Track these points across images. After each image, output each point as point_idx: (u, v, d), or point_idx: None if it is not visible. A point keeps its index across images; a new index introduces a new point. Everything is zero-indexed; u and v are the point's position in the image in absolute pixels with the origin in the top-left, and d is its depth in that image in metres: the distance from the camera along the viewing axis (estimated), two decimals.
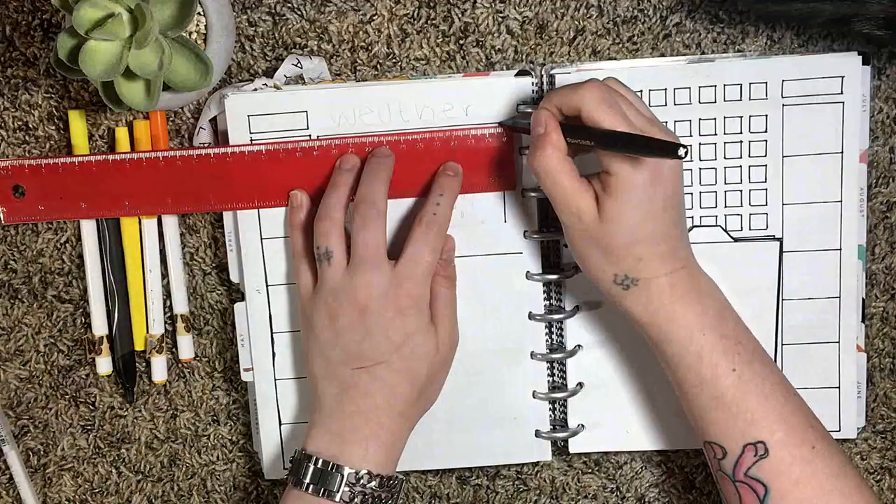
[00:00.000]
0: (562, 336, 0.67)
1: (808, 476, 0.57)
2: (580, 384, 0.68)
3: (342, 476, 0.59)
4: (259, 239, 0.66)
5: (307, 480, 0.59)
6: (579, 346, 0.67)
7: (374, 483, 0.59)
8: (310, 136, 0.64)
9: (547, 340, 0.68)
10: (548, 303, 0.67)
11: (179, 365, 0.69)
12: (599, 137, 0.55)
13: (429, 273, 0.61)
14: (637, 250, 0.57)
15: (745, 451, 0.58)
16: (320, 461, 0.59)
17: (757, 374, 0.58)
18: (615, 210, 0.56)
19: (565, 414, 0.68)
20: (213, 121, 0.66)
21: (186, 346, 0.68)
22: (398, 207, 0.65)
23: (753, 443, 0.58)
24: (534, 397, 0.67)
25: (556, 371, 0.68)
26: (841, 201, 0.65)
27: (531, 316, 0.66)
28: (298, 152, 0.64)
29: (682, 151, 0.51)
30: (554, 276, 0.66)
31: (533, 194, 0.65)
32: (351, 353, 0.60)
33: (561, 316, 0.66)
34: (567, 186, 0.57)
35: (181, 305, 0.68)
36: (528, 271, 0.66)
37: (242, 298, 0.67)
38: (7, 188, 0.66)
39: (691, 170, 0.65)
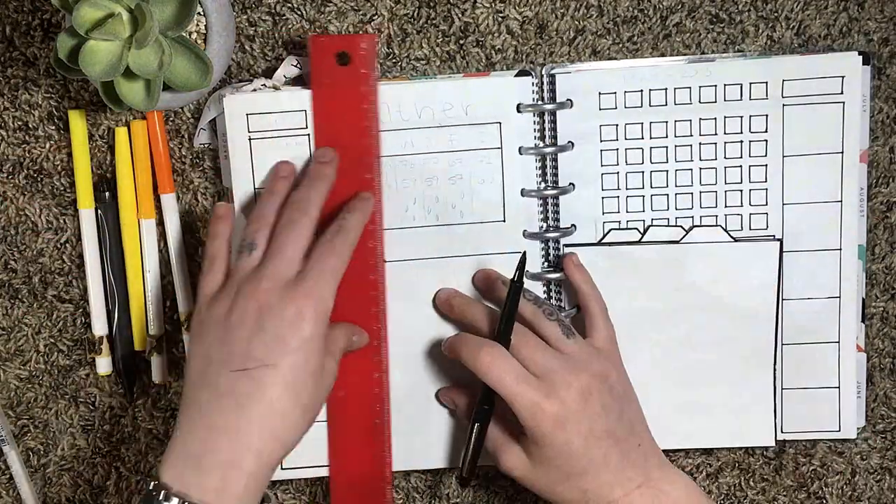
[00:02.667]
0: None
1: None
2: None
3: None
4: None
5: None
6: None
7: None
8: (309, 135, 0.64)
9: None
10: None
11: (182, 364, 0.69)
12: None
13: (334, 281, 0.58)
14: (578, 485, 0.59)
15: None
16: (173, 498, 0.54)
17: None
18: (539, 455, 0.59)
19: None
20: (213, 121, 0.66)
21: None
22: None
23: None
24: None
25: None
26: (841, 201, 0.66)
27: None
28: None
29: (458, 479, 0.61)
30: (554, 276, 0.66)
31: (533, 194, 0.65)
32: (236, 352, 0.56)
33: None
34: (497, 439, 0.62)
35: (184, 304, 0.68)
36: (528, 271, 0.66)
37: None
38: None
39: (691, 170, 0.65)
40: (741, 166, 0.65)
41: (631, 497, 0.59)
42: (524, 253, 0.63)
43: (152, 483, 0.55)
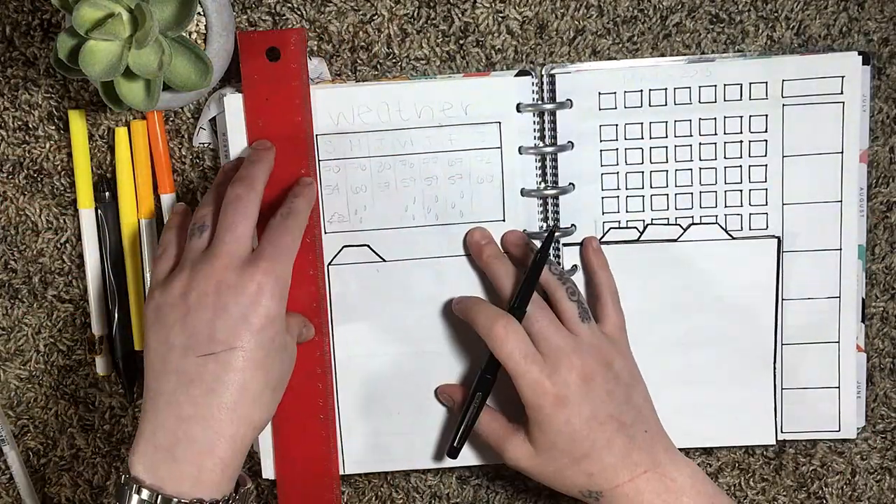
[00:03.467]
0: None
1: None
2: None
3: None
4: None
5: None
6: None
7: None
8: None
9: None
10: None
11: None
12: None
13: (290, 260, 0.58)
14: (583, 468, 0.59)
15: None
16: (144, 491, 0.53)
17: None
18: (542, 440, 0.60)
19: None
20: (213, 120, 0.66)
21: None
22: None
23: None
24: None
25: None
26: (841, 201, 0.66)
27: None
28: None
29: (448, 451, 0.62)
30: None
31: (533, 194, 0.65)
32: (199, 336, 0.54)
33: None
34: (498, 430, 0.62)
35: None
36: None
37: None
38: None
39: (691, 170, 0.65)
40: (741, 166, 0.65)
41: (637, 482, 0.60)
42: (553, 227, 0.63)
43: (123, 476, 0.55)
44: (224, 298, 0.55)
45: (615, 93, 0.64)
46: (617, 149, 0.65)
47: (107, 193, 0.67)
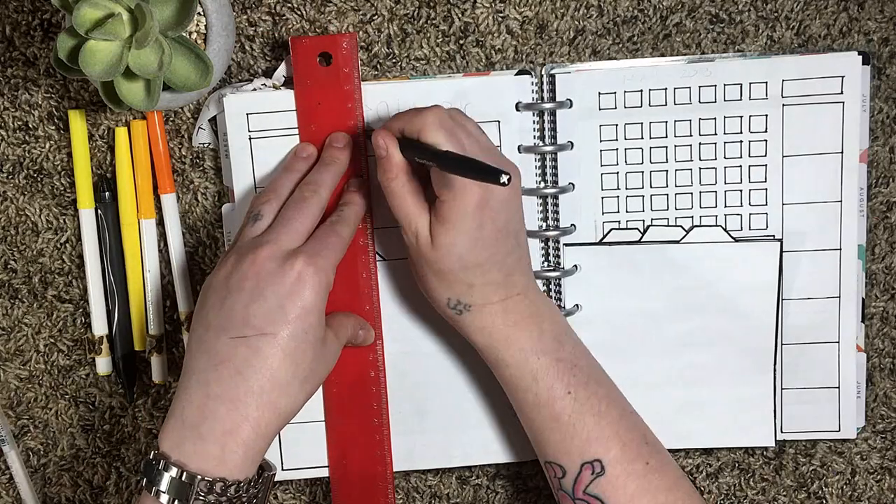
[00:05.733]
0: None
1: (643, 491, 0.58)
2: None
3: (193, 487, 0.53)
4: None
5: (163, 489, 0.54)
6: None
7: (231, 490, 0.54)
8: None
9: None
10: None
11: (182, 364, 0.69)
12: (434, 156, 0.56)
13: (335, 258, 0.58)
14: (467, 277, 0.58)
15: (583, 469, 0.59)
16: (173, 468, 0.54)
17: (593, 395, 0.59)
18: (444, 236, 0.57)
19: None
20: (213, 120, 0.66)
21: None
22: None
23: (590, 461, 0.59)
24: None
25: None
26: (841, 201, 0.66)
27: None
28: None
29: (504, 178, 0.52)
30: (554, 274, 0.66)
31: (533, 193, 0.65)
32: (235, 319, 0.55)
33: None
34: (408, 206, 0.58)
35: (184, 304, 0.68)
36: None
37: None
38: None
39: (691, 170, 0.65)
40: (741, 166, 0.65)
41: (507, 302, 0.59)
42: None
43: (152, 452, 0.55)
44: (262, 285, 0.56)
45: (615, 93, 0.64)
46: (617, 149, 0.65)
47: (107, 193, 0.67)
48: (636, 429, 0.60)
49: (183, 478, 0.54)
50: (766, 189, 0.65)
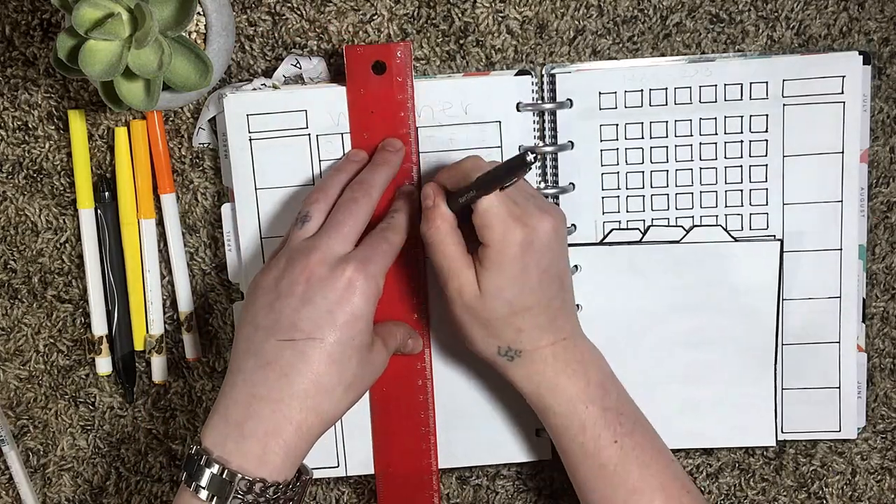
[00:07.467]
0: None
1: None
2: None
3: (234, 485, 0.54)
4: (259, 238, 0.66)
5: (203, 485, 0.54)
6: None
7: (270, 491, 0.54)
8: (309, 135, 0.64)
9: None
10: None
11: (182, 364, 0.69)
12: (468, 189, 0.57)
13: (385, 265, 0.58)
14: (517, 322, 0.58)
15: None
16: (214, 465, 0.54)
17: (638, 444, 0.60)
18: (492, 281, 0.57)
19: None
20: (213, 120, 0.66)
21: (191, 346, 0.68)
22: None
23: None
24: None
25: None
26: (841, 201, 0.65)
27: None
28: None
29: (529, 157, 0.51)
30: None
31: None
32: (283, 322, 0.56)
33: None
34: (453, 258, 0.58)
35: (185, 304, 0.68)
36: None
37: (242, 298, 0.67)
38: None
39: (691, 170, 0.65)
40: (741, 166, 0.65)
41: (555, 347, 0.60)
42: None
43: (194, 447, 0.56)
44: (313, 290, 0.56)
45: (615, 92, 0.64)
46: (617, 149, 0.65)
47: (107, 193, 0.67)
48: (678, 479, 0.60)
49: (224, 475, 0.54)
50: (767, 189, 0.65)
